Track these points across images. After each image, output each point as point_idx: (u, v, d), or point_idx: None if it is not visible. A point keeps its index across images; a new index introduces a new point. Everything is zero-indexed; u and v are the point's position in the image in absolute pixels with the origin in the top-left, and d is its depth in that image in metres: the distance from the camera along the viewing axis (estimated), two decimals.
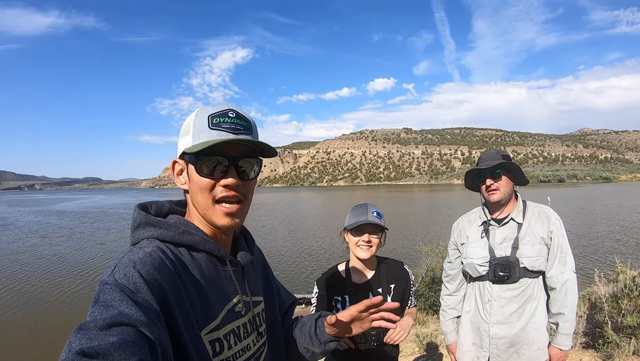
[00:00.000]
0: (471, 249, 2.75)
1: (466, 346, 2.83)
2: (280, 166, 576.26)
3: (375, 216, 2.38)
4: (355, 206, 2.49)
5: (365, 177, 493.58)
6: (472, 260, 2.71)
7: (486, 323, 2.67)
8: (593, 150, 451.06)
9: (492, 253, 2.64)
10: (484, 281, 2.70)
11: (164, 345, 0.88)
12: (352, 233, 2.41)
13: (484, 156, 2.69)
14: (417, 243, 13.67)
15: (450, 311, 2.96)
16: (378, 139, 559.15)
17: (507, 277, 2.57)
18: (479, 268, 2.67)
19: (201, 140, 1.10)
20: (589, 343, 5.25)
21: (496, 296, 2.63)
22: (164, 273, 0.99)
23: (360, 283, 2.45)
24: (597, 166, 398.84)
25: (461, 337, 2.88)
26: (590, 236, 26.39)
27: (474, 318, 2.78)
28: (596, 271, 5.91)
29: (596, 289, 5.97)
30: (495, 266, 2.60)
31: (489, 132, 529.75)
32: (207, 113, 1.12)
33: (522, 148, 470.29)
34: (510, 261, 2.57)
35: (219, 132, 1.10)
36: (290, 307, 1.65)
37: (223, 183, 1.12)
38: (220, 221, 1.14)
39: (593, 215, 40.56)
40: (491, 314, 2.65)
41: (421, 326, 9.04)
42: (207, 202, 1.13)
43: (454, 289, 2.95)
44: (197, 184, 1.13)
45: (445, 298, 3.01)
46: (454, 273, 2.95)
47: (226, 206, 1.13)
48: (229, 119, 1.12)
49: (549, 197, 33.96)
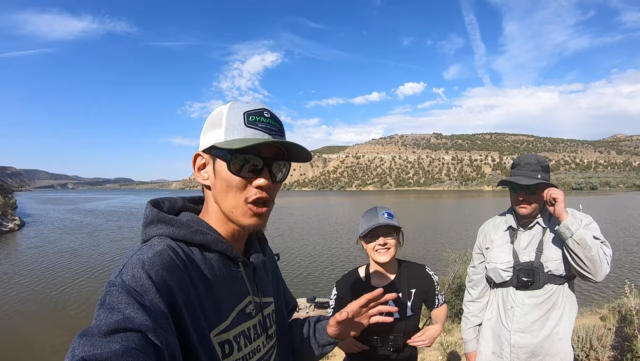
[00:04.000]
0: (495, 254, 2.70)
1: (485, 356, 2.77)
2: (309, 170, 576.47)
3: (387, 217, 2.35)
4: (365, 212, 2.47)
5: (395, 182, 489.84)
6: (495, 265, 2.67)
7: (507, 331, 2.61)
8: (627, 157, 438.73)
9: (517, 258, 2.59)
10: (507, 287, 2.64)
11: (172, 348, 0.87)
12: (367, 238, 2.38)
13: (522, 163, 2.57)
14: (445, 249, 13.52)
15: (472, 318, 2.91)
16: (408, 144, 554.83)
17: (530, 283, 2.51)
18: (503, 274, 2.62)
19: (236, 137, 1.07)
20: (617, 358, 5.16)
21: (519, 302, 2.57)
22: (173, 274, 0.97)
23: (380, 287, 2.43)
24: (630, 173, 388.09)
25: (481, 345, 2.83)
26: (622, 247, 25.74)
27: (495, 325, 2.72)
28: (627, 283, 5.70)
29: (626, 301, 5.85)
30: (519, 271, 2.54)
31: (520, 137, 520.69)
32: (242, 110, 1.09)
33: (553, 154, 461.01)
34: (534, 266, 2.51)
35: (256, 131, 1.07)
36: (291, 311, 1.63)
37: (256, 184, 1.08)
38: (247, 221, 1.11)
39: (625, 224, 39.55)
40: (513, 321, 2.58)
41: (446, 334, 8.96)
42: (238, 201, 1.10)
43: (477, 295, 2.91)
44: (228, 182, 1.08)
45: (467, 304, 2.97)
46: (477, 278, 2.91)
47: (256, 207, 1.10)
48: (265, 118, 1.10)
49: (580, 205, 33.09)
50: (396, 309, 1.26)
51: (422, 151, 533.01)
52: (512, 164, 2.67)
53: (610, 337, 5.33)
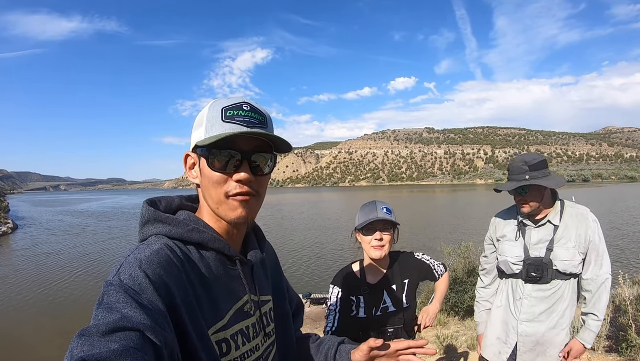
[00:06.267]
0: (507, 247, 2.81)
1: (490, 340, 2.94)
2: (302, 167, 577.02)
3: (385, 212, 2.34)
4: (364, 205, 2.47)
5: (388, 177, 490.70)
6: (506, 258, 2.78)
7: (515, 320, 2.76)
8: (618, 149, 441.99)
9: (527, 252, 2.69)
10: (516, 279, 2.78)
11: (171, 347, 0.86)
12: (363, 231, 2.38)
13: (511, 169, 2.70)
14: (439, 243, 13.58)
15: (483, 303, 3.08)
16: (400, 139, 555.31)
17: (539, 278, 2.64)
18: (513, 267, 2.74)
19: (214, 133, 1.07)
20: (612, 347, 5.20)
21: (527, 295, 2.71)
22: (171, 272, 0.96)
23: (375, 283, 2.45)
24: (622, 165, 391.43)
25: (487, 330, 2.99)
26: (615, 238, 25.95)
27: (504, 313, 2.86)
28: (621, 273, 5.80)
29: (620, 292, 5.88)
30: (528, 266, 2.66)
31: (512, 131, 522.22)
32: (221, 106, 1.09)
33: (545, 147, 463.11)
34: (543, 262, 2.62)
35: (232, 125, 1.07)
36: (297, 307, 1.60)
37: (235, 178, 1.08)
38: (231, 215, 1.11)
39: (617, 216, 39.85)
40: (521, 311, 2.73)
41: (442, 327, 9.00)
42: (220, 196, 1.10)
43: (489, 282, 3.06)
44: (209, 179, 1.09)
45: (480, 290, 3.13)
46: (489, 267, 3.03)
47: (236, 202, 1.10)
48: (243, 112, 1.09)
49: (573, 197, 33.27)
50: (434, 352, 1.26)
51: (414, 145, 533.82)
52: (507, 169, 2.78)
53: (605, 327, 5.38)
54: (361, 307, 2.41)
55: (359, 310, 2.41)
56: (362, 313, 2.40)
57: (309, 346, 1.53)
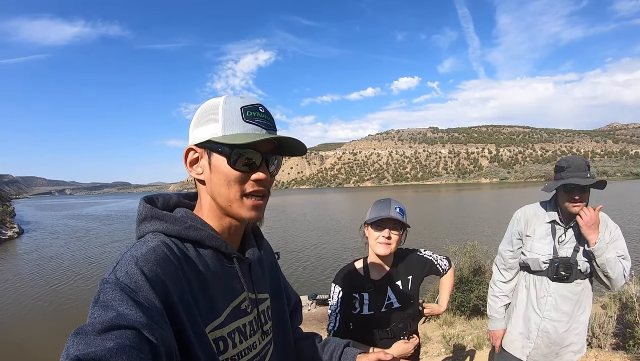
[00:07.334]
0: (537, 245, 2.82)
1: (513, 335, 2.96)
2: (307, 168, 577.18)
3: (398, 212, 2.34)
4: (378, 201, 2.47)
5: (392, 177, 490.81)
6: (537, 256, 2.79)
7: (538, 317, 2.81)
8: (623, 145, 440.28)
9: (556, 252, 2.73)
10: (542, 277, 2.81)
11: (168, 344, 0.85)
12: (373, 227, 2.38)
13: (573, 166, 2.64)
14: (445, 242, 13.57)
15: (502, 297, 3.06)
16: (404, 139, 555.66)
17: (567, 277, 2.69)
18: (542, 265, 2.77)
19: (235, 132, 1.06)
20: (619, 344, 5.19)
21: (552, 292, 2.75)
22: (167, 269, 0.96)
23: (379, 280, 2.45)
24: (627, 161, 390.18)
25: (511, 325, 3.00)
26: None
27: (527, 309, 2.89)
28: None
29: (627, 289, 5.88)
30: (557, 265, 2.70)
31: (517, 129, 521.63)
32: (239, 104, 1.09)
33: (550, 145, 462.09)
34: (570, 262, 2.68)
35: (254, 126, 1.08)
36: (295, 305, 1.60)
37: (255, 178, 1.09)
38: (246, 214, 1.11)
39: (623, 213, 39.70)
40: (545, 309, 2.78)
41: (448, 327, 8.99)
42: (235, 195, 1.09)
43: (510, 277, 3.04)
44: (226, 176, 1.08)
45: (499, 284, 3.09)
46: (513, 262, 3.01)
47: (254, 200, 1.11)
48: (260, 114, 1.10)
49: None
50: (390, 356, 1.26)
51: (418, 145, 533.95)
52: (559, 167, 2.73)
53: (612, 324, 5.38)
54: (365, 304, 2.40)
55: (363, 307, 2.40)
56: (366, 310, 2.39)
57: (313, 344, 1.52)
